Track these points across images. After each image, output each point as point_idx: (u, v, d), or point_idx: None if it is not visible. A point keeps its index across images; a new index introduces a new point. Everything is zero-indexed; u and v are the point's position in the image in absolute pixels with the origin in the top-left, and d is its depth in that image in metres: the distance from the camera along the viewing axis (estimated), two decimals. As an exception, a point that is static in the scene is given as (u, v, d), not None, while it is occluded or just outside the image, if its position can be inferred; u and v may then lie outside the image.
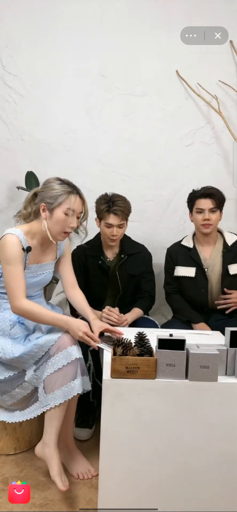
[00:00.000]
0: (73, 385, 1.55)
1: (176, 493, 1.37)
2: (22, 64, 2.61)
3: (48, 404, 1.55)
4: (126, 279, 2.17)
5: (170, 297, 2.28)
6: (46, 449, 1.56)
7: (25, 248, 1.64)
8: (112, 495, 1.36)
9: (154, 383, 1.33)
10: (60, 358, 1.56)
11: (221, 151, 2.73)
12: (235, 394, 1.35)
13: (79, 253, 2.21)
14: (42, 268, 1.78)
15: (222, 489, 1.38)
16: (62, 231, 1.68)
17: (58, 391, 1.55)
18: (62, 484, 1.48)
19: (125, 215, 2.08)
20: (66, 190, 1.65)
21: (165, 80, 2.66)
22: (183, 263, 2.21)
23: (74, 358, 1.57)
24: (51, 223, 1.67)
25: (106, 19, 2.60)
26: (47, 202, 1.66)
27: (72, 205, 1.65)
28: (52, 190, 1.66)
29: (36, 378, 1.62)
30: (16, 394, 1.66)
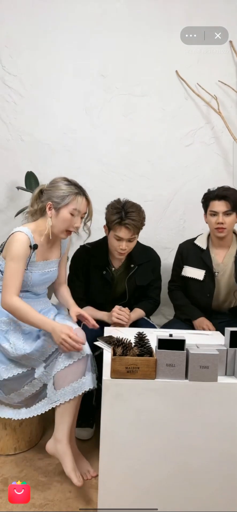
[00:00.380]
0: (84, 380, 1.58)
1: (175, 493, 1.37)
2: (22, 64, 2.61)
3: (58, 400, 1.57)
4: (133, 290, 2.09)
5: (173, 293, 2.26)
6: (58, 445, 1.57)
7: (32, 245, 1.67)
8: (112, 495, 1.36)
9: (154, 383, 1.33)
10: (71, 354, 1.59)
11: (221, 151, 2.73)
12: (235, 394, 1.35)
13: (83, 256, 2.08)
14: (49, 265, 1.80)
15: (222, 489, 1.38)
16: (66, 230, 1.72)
17: (68, 387, 1.57)
18: (77, 480, 1.49)
19: (137, 229, 1.93)
20: (73, 191, 1.69)
21: (165, 80, 2.66)
22: (193, 264, 2.15)
23: (85, 354, 1.60)
24: (56, 221, 1.70)
25: (106, 19, 2.60)
26: (54, 201, 1.69)
27: (79, 206, 1.69)
28: (59, 190, 1.69)
29: (46, 374, 1.63)
30: (24, 392, 1.66)
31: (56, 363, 1.60)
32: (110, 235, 1.97)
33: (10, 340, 1.65)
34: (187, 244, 2.24)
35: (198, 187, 2.71)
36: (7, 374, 1.65)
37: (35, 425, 1.86)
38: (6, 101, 2.63)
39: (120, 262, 2.09)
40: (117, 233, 1.91)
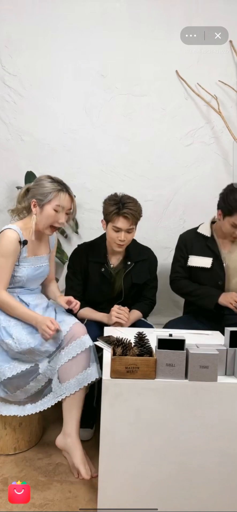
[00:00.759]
0: (89, 371, 1.62)
1: (175, 493, 1.37)
2: (22, 64, 2.61)
3: (64, 393, 1.60)
4: (129, 288, 2.08)
5: (179, 283, 2.16)
6: (68, 439, 1.60)
7: (22, 241, 1.73)
8: (112, 495, 1.36)
9: (154, 383, 1.33)
10: (74, 347, 1.63)
11: (221, 151, 2.73)
12: (235, 394, 1.35)
13: (82, 254, 2.09)
14: (40, 260, 1.86)
15: (221, 489, 1.38)
16: (50, 225, 1.78)
17: (73, 380, 1.60)
18: (86, 472, 1.53)
19: (135, 219, 1.95)
20: (56, 188, 1.75)
21: (165, 80, 2.66)
22: (199, 253, 2.07)
23: (88, 346, 1.64)
24: (40, 217, 1.76)
25: (106, 19, 2.60)
26: (38, 198, 1.76)
27: (62, 202, 1.75)
28: (43, 188, 1.76)
29: (50, 369, 1.65)
30: (30, 388, 1.68)
31: (60, 357, 1.63)
32: (109, 228, 1.97)
33: (13, 335, 1.66)
34: (189, 234, 2.18)
35: (198, 187, 2.72)
36: (11, 372, 1.66)
37: (35, 425, 1.86)
38: (6, 101, 2.63)
39: (117, 260, 2.09)
40: (115, 224, 1.92)
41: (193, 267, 2.10)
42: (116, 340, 1.40)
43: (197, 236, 2.13)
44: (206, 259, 2.06)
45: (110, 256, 2.09)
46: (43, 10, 2.57)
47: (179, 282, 2.17)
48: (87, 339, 1.67)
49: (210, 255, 2.07)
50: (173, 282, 2.21)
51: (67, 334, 1.66)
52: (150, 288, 2.15)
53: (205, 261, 2.06)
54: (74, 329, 1.68)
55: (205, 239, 2.10)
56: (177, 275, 2.17)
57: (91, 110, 2.66)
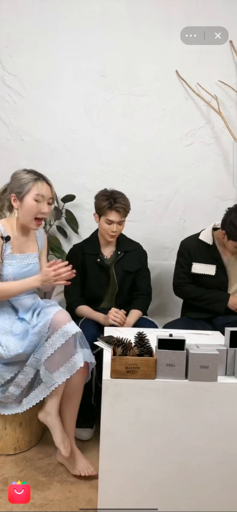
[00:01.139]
0: (74, 360, 1.61)
1: (175, 493, 1.37)
2: (22, 64, 2.61)
3: (56, 382, 1.61)
4: (122, 276, 2.16)
5: (184, 288, 2.17)
6: (48, 417, 1.66)
7: (5, 237, 1.72)
8: (112, 495, 1.36)
9: (154, 383, 1.33)
10: (58, 338, 1.61)
11: (221, 151, 2.73)
12: (235, 394, 1.35)
13: (77, 251, 2.20)
14: (28, 258, 1.82)
15: (222, 489, 1.38)
16: (34, 217, 1.75)
17: (62, 368, 1.61)
18: (65, 451, 1.60)
19: (126, 212, 2.10)
20: (33, 178, 1.73)
21: (165, 80, 2.66)
22: (202, 260, 2.11)
23: (71, 334, 1.61)
24: (22, 211, 1.74)
25: (106, 19, 2.60)
26: (16, 192, 1.74)
27: (40, 191, 1.72)
28: (19, 180, 1.74)
29: (36, 360, 1.66)
30: (20, 381, 1.69)
31: (45, 349, 1.62)
32: (102, 221, 2.11)
33: (2, 343, 1.65)
34: (191, 240, 2.19)
35: (198, 187, 2.72)
36: (10, 374, 1.68)
37: (35, 425, 1.86)
38: (6, 101, 2.63)
39: (110, 252, 2.20)
40: (108, 217, 2.07)
41: (197, 274, 2.13)
42: (116, 340, 1.40)
43: (199, 244, 2.14)
44: (210, 267, 2.09)
45: (103, 249, 2.20)
46: (43, 10, 2.57)
47: (184, 287, 2.18)
48: (71, 326, 1.63)
49: (214, 262, 2.10)
50: (178, 288, 2.21)
51: (50, 324, 1.63)
52: (142, 278, 2.21)
53: (209, 268, 2.09)
54: (56, 318, 1.64)
55: (207, 246, 2.12)
56: (182, 281, 2.18)
57: (92, 110, 2.66)
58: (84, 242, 2.27)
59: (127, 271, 2.17)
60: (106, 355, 1.52)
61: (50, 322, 1.63)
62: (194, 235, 2.21)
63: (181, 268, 2.19)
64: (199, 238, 2.16)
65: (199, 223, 2.33)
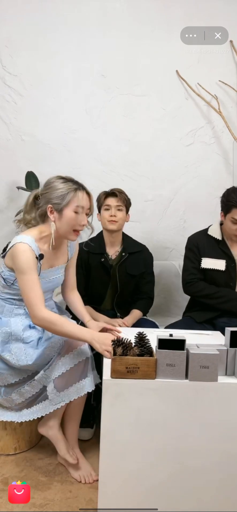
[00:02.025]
0: (84, 383, 1.59)
1: (176, 493, 1.37)
2: (22, 64, 2.61)
3: (63, 401, 1.59)
4: (125, 278, 2.15)
5: (195, 285, 2.11)
6: (50, 431, 1.67)
7: (38, 256, 1.59)
8: (112, 495, 1.36)
9: (154, 383, 1.33)
10: (71, 358, 1.58)
11: (221, 151, 2.73)
12: (235, 394, 1.35)
13: (81, 250, 2.14)
14: (55, 272, 1.74)
15: (222, 489, 1.37)
16: (73, 229, 1.63)
17: (72, 388, 1.59)
18: (73, 459, 1.62)
19: (123, 199, 2.12)
20: (72, 188, 1.61)
21: (165, 80, 2.66)
22: (212, 255, 2.08)
23: (85, 357, 1.59)
24: (60, 223, 1.61)
25: (106, 19, 2.61)
26: (54, 203, 1.60)
27: (81, 202, 1.61)
28: (57, 190, 1.60)
29: (45, 377, 1.62)
30: (25, 392, 1.66)
31: (56, 367, 1.58)
32: (102, 212, 2.15)
33: (12, 351, 1.62)
34: (199, 236, 2.16)
35: (198, 187, 2.72)
36: (14, 379, 1.66)
37: (36, 425, 1.86)
38: (6, 101, 2.63)
39: (115, 252, 2.20)
40: (105, 203, 2.13)
41: (207, 269, 2.09)
42: (116, 340, 1.40)
43: (209, 238, 2.12)
44: (220, 261, 2.07)
45: (108, 248, 2.20)
46: (44, 10, 2.57)
47: (196, 284, 2.11)
48: (85, 349, 1.60)
49: (223, 257, 2.08)
50: (189, 284, 2.13)
51: (65, 342, 1.59)
52: (146, 282, 2.21)
53: (219, 263, 2.06)
54: None
55: (217, 241, 2.10)
56: (193, 278, 2.12)
57: (92, 110, 2.66)
58: (89, 241, 2.23)
59: (130, 274, 2.16)
60: (106, 355, 1.51)
61: (66, 340, 1.59)
62: (202, 231, 2.18)
63: (191, 264, 2.13)
64: (208, 233, 2.13)
65: (200, 223, 2.33)
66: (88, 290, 2.17)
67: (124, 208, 2.14)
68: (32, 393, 1.66)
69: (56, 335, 1.58)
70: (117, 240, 2.20)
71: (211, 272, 2.08)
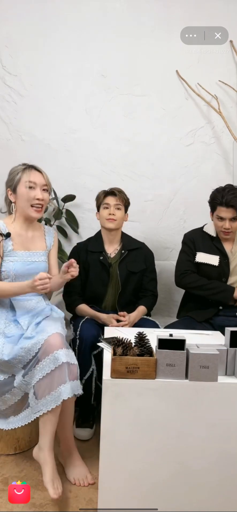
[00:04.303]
0: (60, 390, 1.52)
1: (176, 493, 1.37)
2: (22, 64, 2.61)
3: (41, 410, 1.53)
4: (126, 276, 2.15)
5: (189, 277, 2.16)
6: (40, 453, 1.55)
7: (5, 233, 1.74)
8: (112, 495, 1.36)
9: (154, 383, 1.33)
10: (48, 363, 1.54)
11: (221, 151, 2.73)
12: (235, 394, 1.35)
13: (80, 249, 2.21)
14: (33, 256, 1.82)
15: (222, 489, 1.38)
16: (29, 204, 1.77)
17: (49, 396, 1.52)
18: (54, 492, 1.45)
19: (121, 198, 2.15)
20: (21, 168, 1.80)
21: (165, 80, 2.66)
22: (206, 250, 2.17)
23: (61, 362, 1.53)
24: (18, 201, 1.79)
25: (107, 19, 2.60)
26: (9, 185, 1.80)
27: (29, 177, 1.76)
28: (11, 174, 1.82)
29: (25, 383, 1.60)
30: (7, 400, 1.65)
31: (35, 373, 1.56)
32: (101, 210, 2.18)
33: None
34: (195, 232, 2.26)
35: (198, 187, 2.72)
36: None
37: (36, 425, 1.85)
38: (6, 101, 2.63)
39: (114, 250, 2.20)
40: (105, 201, 2.15)
41: (201, 264, 2.16)
42: (116, 340, 1.40)
43: (204, 235, 2.21)
44: (214, 257, 2.14)
45: (107, 246, 2.21)
46: (44, 10, 2.57)
47: (189, 276, 2.17)
48: (61, 354, 1.54)
49: (217, 253, 2.15)
50: (183, 275, 2.18)
51: (42, 346, 1.57)
52: (149, 280, 2.23)
53: (212, 258, 2.14)
54: (49, 341, 1.56)
55: (211, 238, 2.19)
56: (187, 269, 2.18)
57: (92, 110, 2.66)
58: (88, 240, 2.28)
59: (130, 271, 2.17)
60: (106, 355, 1.52)
61: (43, 343, 1.56)
62: (197, 228, 2.28)
63: (186, 256, 2.21)
64: (203, 230, 2.23)
65: (199, 223, 2.33)
66: (87, 290, 2.16)
67: (122, 207, 2.16)
68: (14, 400, 1.64)
69: None
70: (116, 238, 2.21)
71: (205, 266, 2.15)
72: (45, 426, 1.55)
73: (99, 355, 1.90)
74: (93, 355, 1.91)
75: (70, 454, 1.68)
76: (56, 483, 1.49)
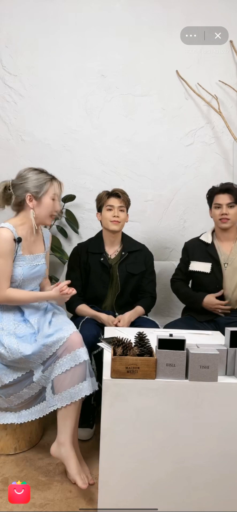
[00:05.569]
0: (81, 387, 1.59)
1: (175, 493, 1.37)
2: (22, 64, 2.61)
3: (55, 404, 1.59)
4: (125, 277, 2.16)
5: (174, 284, 2.30)
6: (62, 449, 1.60)
7: (16, 239, 1.72)
8: (112, 495, 1.36)
9: (154, 383, 1.33)
10: (68, 360, 1.60)
11: (221, 151, 2.73)
12: (235, 394, 1.35)
13: (81, 250, 2.20)
14: (36, 259, 1.84)
15: (222, 489, 1.38)
16: (49, 215, 1.81)
17: (65, 392, 1.59)
18: (83, 482, 1.52)
19: (125, 200, 2.15)
20: (49, 178, 1.79)
21: (165, 80, 2.66)
22: (199, 258, 2.19)
23: (83, 360, 1.61)
24: (39, 210, 1.78)
25: (106, 19, 2.61)
26: (33, 192, 1.76)
27: (56, 190, 1.80)
28: (35, 180, 1.77)
29: (44, 378, 1.64)
30: (23, 394, 1.67)
31: (55, 368, 1.61)
32: (103, 212, 2.16)
33: (5, 344, 1.64)
34: (192, 241, 2.29)
35: (198, 187, 2.72)
36: (8, 379, 1.65)
37: (35, 425, 1.86)
38: (6, 101, 2.63)
39: (114, 251, 2.20)
40: (108, 203, 2.13)
41: (195, 272, 2.20)
42: (116, 340, 1.40)
43: (199, 243, 2.24)
44: (206, 264, 2.17)
45: (108, 248, 2.20)
46: (44, 10, 2.58)
47: (176, 283, 2.30)
48: (83, 352, 1.63)
49: (210, 260, 2.16)
50: (171, 282, 2.34)
51: (63, 344, 1.62)
52: (148, 282, 2.23)
53: (205, 266, 2.17)
54: (71, 339, 1.63)
55: (206, 245, 2.20)
56: (175, 277, 2.31)
57: (92, 110, 2.66)
58: (89, 241, 2.27)
59: (130, 273, 2.17)
60: (106, 355, 1.52)
61: (65, 341, 1.62)
62: (195, 237, 2.30)
63: (179, 264, 2.32)
64: (199, 238, 2.26)
65: (199, 223, 2.34)
66: (88, 291, 2.17)
67: (125, 208, 2.17)
68: (31, 394, 1.67)
69: None
70: (117, 239, 2.21)
71: (198, 274, 2.19)
72: (65, 421, 1.60)
73: (99, 355, 1.90)
74: (93, 355, 1.91)
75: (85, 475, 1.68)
76: (83, 474, 1.56)
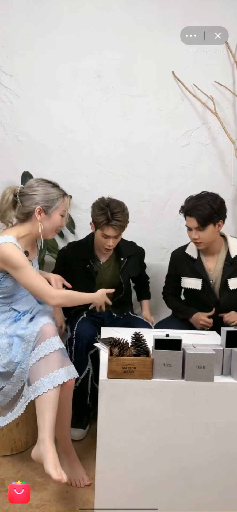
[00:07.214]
0: (57, 374, 1.52)
1: (172, 493, 1.38)
2: (18, 64, 2.60)
3: (30, 397, 1.51)
4: (127, 281, 2.21)
5: (166, 299, 2.31)
6: (41, 446, 1.45)
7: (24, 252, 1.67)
8: (109, 495, 1.37)
9: (151, 383, 1.34)
10: (43, 348, 1.54)
11: (217, 152, 2.74)
12: (231, 393, 1.36)
13: (66, 254, 2.16)
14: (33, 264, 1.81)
15: (219, 489, 1.38)
16: (55, 230, 1.78)
17: (38, 382, 1.50)
18: (57, 474, 1.36)
19: (123, 228, 2.05)
20: (61, 193, 1.74)
21: (162, 80, 2.67)
22: (189, 274, 2.09)
23: (57, 348, 1.54)
24: (46, 224, 1.72)
25: (103, 19, 2.60)
26: (43, 205, 1.69)
27: (67, 207, 1.76)
28: (47, 194, 1.70)
29: (22, 371, 1.59)
30: (8, 391, 1.64)
31: (30, 358, 1.56)
32: (98, 233, 2.06)
33: None
34: (179, 253, 2.18)
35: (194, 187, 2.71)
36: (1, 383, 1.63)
37: (32, 426, 1.86)
38: (2, 101, 2.62)
39: (107, 257, 2.18)
40: (105, 232, 2.02)
41: (187, 289, 2.14)
42: (113, 341, 1.40)
43: (186, 257, 2.12)
44: (196, 281, 2.07)
45: (100, 254, 2.17)
46: (40, 10, 2.57)
47: (166, 297, 2.31)
48: (57, 341, 1.56)
49: (199, 276, 2.06)
50: (163, 295, 2.34)
51: (37, 334, 1.56)
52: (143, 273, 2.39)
53: (195, 282, 2.07)
54: (44, 329, 1.57)
55: (192, 260, 2.09)
56: (165, 291, 2.32)
57: (88, 110, 2.66)
58: (77, 244, 2.25)
59: (132, 277, 2.27)
60: (103, 355, 1.52)
61: (39, 331, 1.57)
62: (182, 247, 2.19)
63: (167, 278, 2.29)
64: (185, 252, 2.13)
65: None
66: None
67: (121, 233, 2.09)
68: (15, 391, 1.63)
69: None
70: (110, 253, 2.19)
71: (190, 291, 2.11)
72: (43, 416, 1.48)
73: (95, 354, 1.90)
74: (89, 354, 1.91)
75: (68, 455, 1.67)
76: (59, 469, 1.39)
